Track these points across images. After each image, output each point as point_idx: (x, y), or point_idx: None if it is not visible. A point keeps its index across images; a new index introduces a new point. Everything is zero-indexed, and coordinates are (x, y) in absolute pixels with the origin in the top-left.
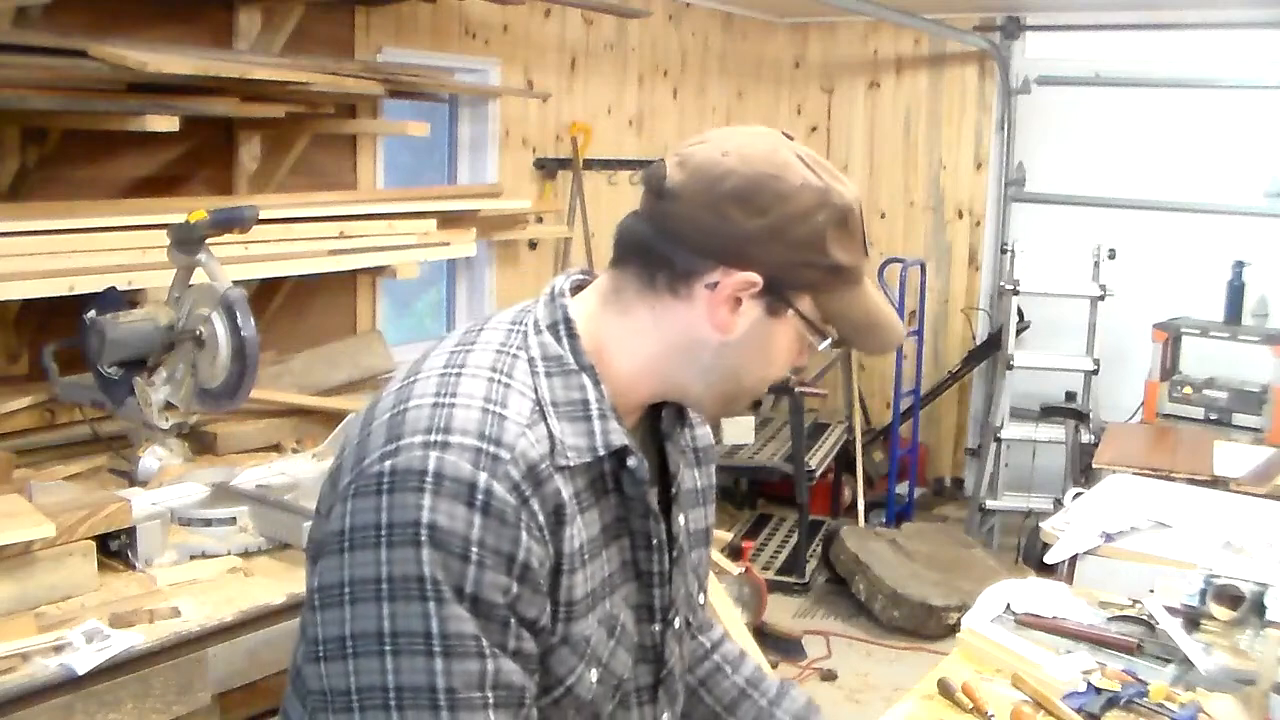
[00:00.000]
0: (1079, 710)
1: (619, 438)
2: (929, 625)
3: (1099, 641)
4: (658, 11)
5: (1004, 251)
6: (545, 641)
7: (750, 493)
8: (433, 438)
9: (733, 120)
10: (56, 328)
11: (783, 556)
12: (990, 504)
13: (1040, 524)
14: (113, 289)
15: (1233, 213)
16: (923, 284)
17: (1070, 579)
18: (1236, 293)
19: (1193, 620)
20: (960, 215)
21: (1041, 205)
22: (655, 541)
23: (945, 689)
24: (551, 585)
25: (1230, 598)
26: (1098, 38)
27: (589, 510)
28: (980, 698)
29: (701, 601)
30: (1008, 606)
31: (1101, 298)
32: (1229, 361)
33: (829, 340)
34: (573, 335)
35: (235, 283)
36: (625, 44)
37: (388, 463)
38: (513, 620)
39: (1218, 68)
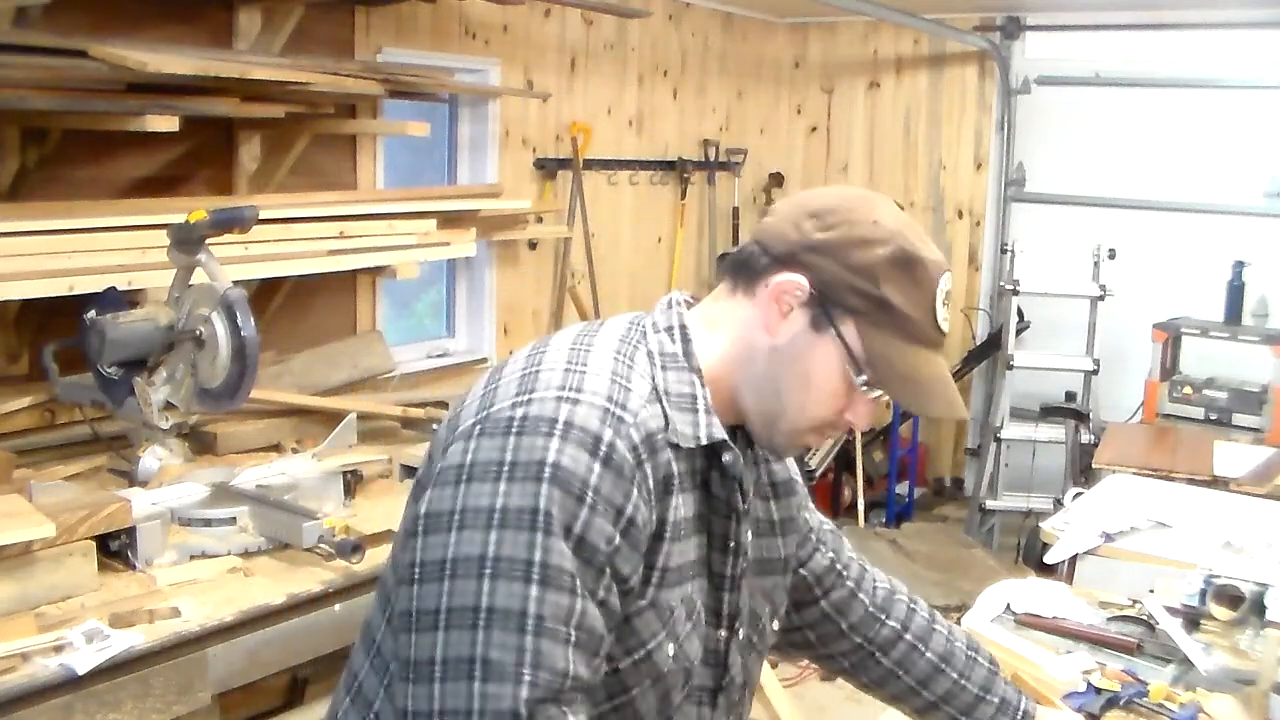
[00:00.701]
0: (1079, 710)
1: (720, 431)
2: None
3: (1099, 641)
4: (658, 11)
5: (1004, 251)
6: (632, 603)
7: None
8: (565, 393)
9: (732, 121)
10: (56, 328)
11: None
12: (990, 504)
13: (1040, 524)
14: (113, 289)
15: (1233, 213)
16: None
17: (1070, 579)
18: (1236, 293)
19: (1193, 620)
20: (960, 215)
21: (1041, 205)
22: (732, 544)
23: None
24: (650, 549)
25: (1230, 598)
26: (1098, 38)
27: (688, 494)
28: None
29: (776, 627)
30: (1008, 606)
31: (1101, 298)
32: (1229, 361)
33: (864, 378)
34: (686, 339)
35: (235, 283)
36: (625, 44)
37: (520, 410)
38: (608, 570)
39: (1218, 68)
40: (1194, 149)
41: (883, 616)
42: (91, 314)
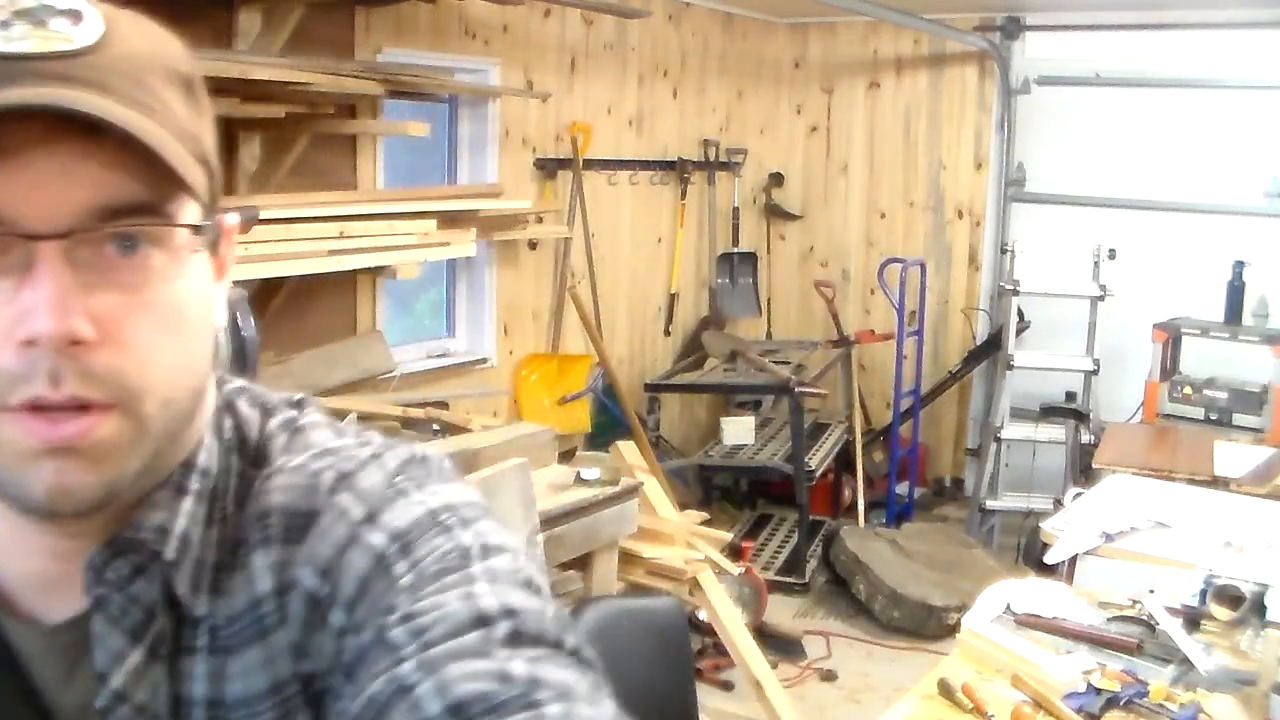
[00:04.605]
0: (1079, 710)
1: None
2: (929, 625)
3: (1099, 641)
4: (658, 11)
5: (1004, 251)
6: None
7: (750, 493)
8: None
9: (732, 121)
10: None
11: (783, 557)
12: (990, 504)
13: (1040, 524)
14: None
15: (1233, 213)
16: (923, 284)
17: (1070, 579)
18: (1236, 293)
19: (1193, 620)
20: (960, 215)
21: (1041, 205)
22: None
23: (945, 689)
24: None
25: (1230, 598)
26: (1098, 38)
27: None
28: (980, 698)
29: None
30: (1008, 606)
31: (1101, 298)
32: (1229, 361)
33: None
34: None
35: (235, 283)
36: (625, 44)
37: None
38: None
39: (1218, 68)
40: (1194, 149)
41: None
42: None
